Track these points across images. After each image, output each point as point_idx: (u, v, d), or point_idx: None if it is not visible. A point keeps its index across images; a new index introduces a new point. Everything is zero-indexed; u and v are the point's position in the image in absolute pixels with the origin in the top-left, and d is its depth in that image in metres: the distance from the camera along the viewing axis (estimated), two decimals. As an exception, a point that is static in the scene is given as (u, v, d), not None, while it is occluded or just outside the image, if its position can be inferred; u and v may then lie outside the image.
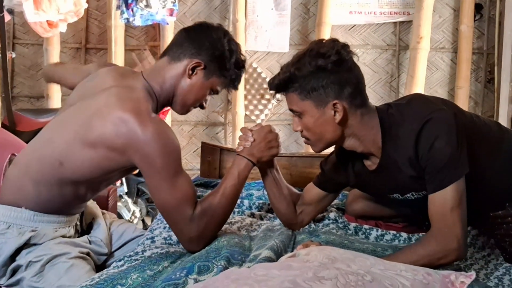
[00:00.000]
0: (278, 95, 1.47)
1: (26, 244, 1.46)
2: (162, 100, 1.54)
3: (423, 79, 3.65)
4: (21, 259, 1.45)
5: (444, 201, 1.30)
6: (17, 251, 1.46)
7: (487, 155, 1.45)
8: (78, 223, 1.65)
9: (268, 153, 1.56)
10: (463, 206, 1.31)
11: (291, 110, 1.45)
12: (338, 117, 1.37)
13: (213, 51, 1.52)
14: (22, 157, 1.57)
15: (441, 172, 1.31)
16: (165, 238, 1.58)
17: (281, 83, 1.41)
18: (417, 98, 1.49)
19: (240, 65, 1.57)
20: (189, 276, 1.20)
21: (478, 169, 1.37)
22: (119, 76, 1.57)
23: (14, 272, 1.47)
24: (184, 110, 1.59)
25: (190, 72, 1.52)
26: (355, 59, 1.40)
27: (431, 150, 1.31)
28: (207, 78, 1.53)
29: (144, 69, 1.68)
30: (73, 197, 1.51)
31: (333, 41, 1.40)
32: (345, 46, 1.39)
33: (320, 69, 1.35)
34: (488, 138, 1.47)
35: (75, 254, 1.49)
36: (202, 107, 1.61)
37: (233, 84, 1.60)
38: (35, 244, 1.46)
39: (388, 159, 1.41)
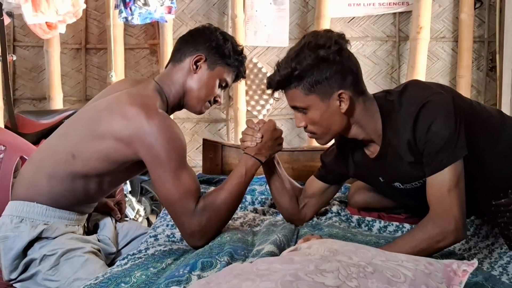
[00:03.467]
0: (276, 93, 1.43)
1: (39, 238, 1.49)
2: (172, 101, 1.60)
3: (424, 69, 3.64)
4: (35, 253, 1.49)
5: (441, 183, 1.30)
6: (30, 245, 1.49)
7: (488, 141, 1.44)
8: (86, 225, 1.68)
9: (275, 150, 1.57)
10: (461, 188, 1.30)
11: (293, 107, 1.42)
12: (344, 106, 1.36)
13: (209, 43, 1.59)
14: (37, 153, 1.63)
15: (439, 154, 1.30)
16: (168, 236, 1.59)
17: (283, 80, 1.37)
18: (414, 83, 1.49)
19: (238, 52, 1.63)
20: (193, 272, 1.21)
21: (478, 155, 1.37)
22: (134, 81, 1.65)
23: (26, 267, 1.50)
24: (199, 106, 1.63)
25: (194, 67, 1.59)
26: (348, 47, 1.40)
27: (428, 132, 1.31)
28: (212, 68, 1.59)
29: None
30: (83, 193, 1.54)
31: (328, 31, 1.39)
32: (341, 35, 1.38)
33: (323, 60, 1.33)
34: (488, 124, 1.47)
35: (89, 249, 1.53)
36: (216, 101, 1.64)
37: (239, 71, 1.64)
38: (47, 239, 1.50)
39: (388, 146, 1.41)
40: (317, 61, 1.33)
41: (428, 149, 1.32)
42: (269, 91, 1.46)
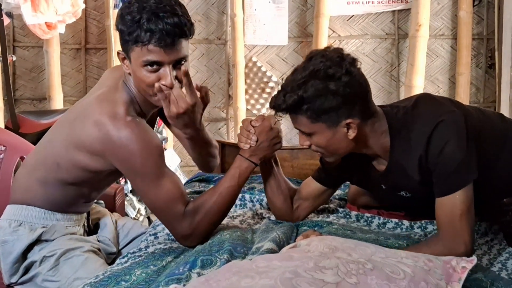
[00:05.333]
0: (280, 113, 1.38)
1: (38, 241, 1.49)
2: (140, 99, 1.44)
3: (423, 67, 3.63)
4: (35, 256, 1.49)
5: (452, 206, 1.29)
6: (29, 248, 1.49)
7: (493, 150, 1.44)
8: (86, 223, 1.67)
9: (271, 150, 1.54)
10: (471, 211, 1.30)
11: (298, 129, 1.39)
12: (352, 134, 1.33)
13: (119, 29, 1.36)
14: (30, 158, 1.62)
15: (451, 176, 1.30)
16: (168, 234, 1.58)
17: (288, 107, 1.33)
18: (426, 98, 1.46)
19: (134, 16, 1.30)
20: (193, 270, 1.21)
21: (484, 165, 1.36)
22: (118, 75, 1.54)
23: (27, 270, 1.50)
24: (156, 102, 1.40)
25: (123, 63, 1.41)
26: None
27: (441, 154, 1.30)
28: (129, 58, 1.37)
29: None
30: (78, 197, 1.54)
31: (339, 55, 1.30)
32: (353, 61, 1.31)
33: (332, 92, 1.27)
34: (493, 134, 1.46)
35: (88, 247, 1.52)
36: (164, 86, 1.34)
37: (132, 38, 1.31)
38: (46, 241, 1.50)
39: (396, 164, 1.39)
40: (325, 91, 1.27)
41: (439, 170, 1.31)
42: (271, 109, 1.40)
